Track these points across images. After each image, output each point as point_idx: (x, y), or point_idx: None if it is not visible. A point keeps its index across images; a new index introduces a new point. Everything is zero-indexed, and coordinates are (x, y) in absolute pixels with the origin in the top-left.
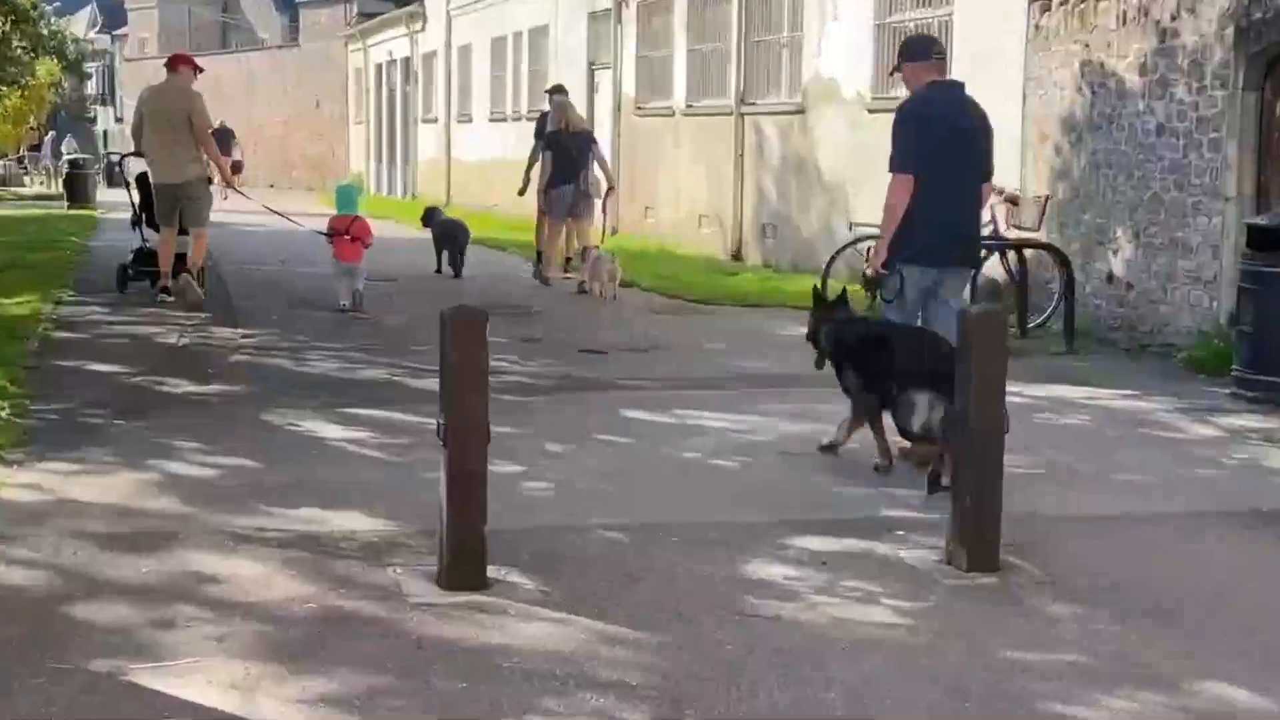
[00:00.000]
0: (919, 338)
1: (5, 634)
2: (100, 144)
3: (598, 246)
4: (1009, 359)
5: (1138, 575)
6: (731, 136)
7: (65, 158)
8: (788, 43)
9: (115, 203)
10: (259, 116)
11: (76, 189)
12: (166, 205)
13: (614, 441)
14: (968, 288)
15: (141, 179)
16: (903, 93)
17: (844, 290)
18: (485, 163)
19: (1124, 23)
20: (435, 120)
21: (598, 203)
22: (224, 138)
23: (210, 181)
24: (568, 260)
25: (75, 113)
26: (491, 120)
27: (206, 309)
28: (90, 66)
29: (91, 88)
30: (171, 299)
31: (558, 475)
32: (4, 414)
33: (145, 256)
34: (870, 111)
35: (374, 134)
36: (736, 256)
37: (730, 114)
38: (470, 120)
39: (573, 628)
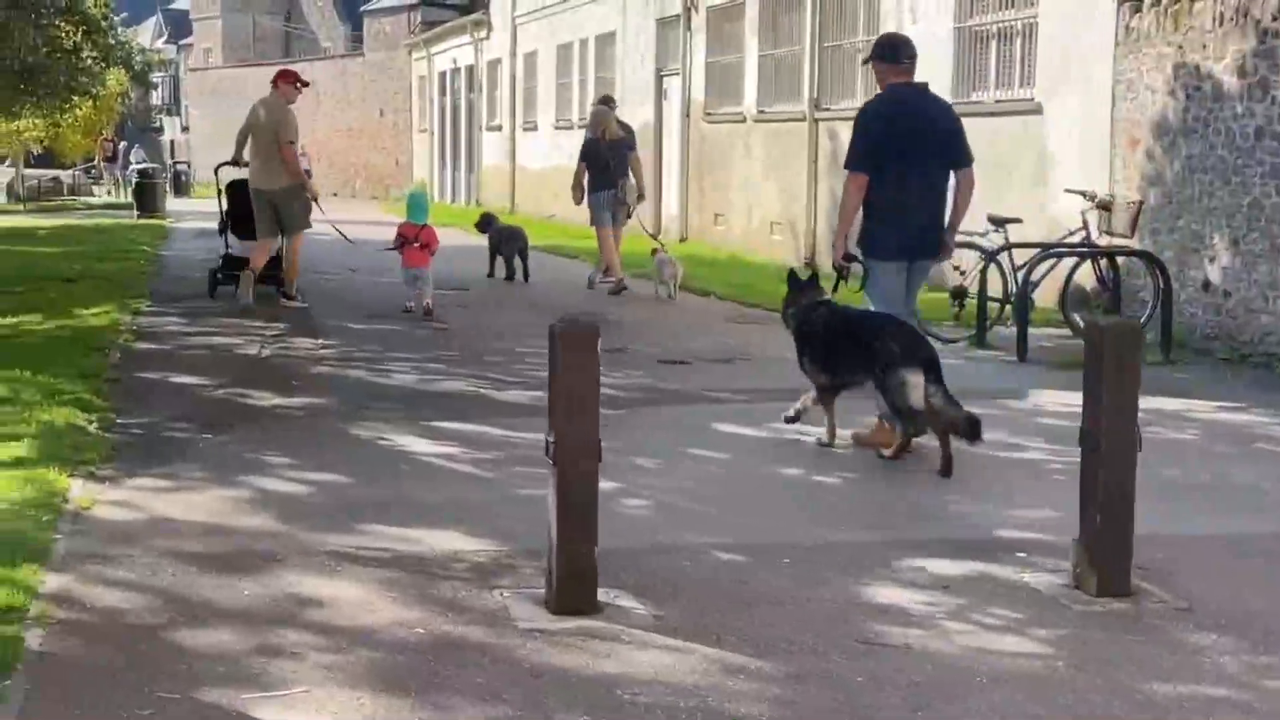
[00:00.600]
0: (897, 323)
1: (107, 661)
2: (167, 154)
3: (664, 248)
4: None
5: (1275, 600)
6: (805, 142)
7: (134, 167)
8: (863, 47)
9: (184, 212)
10: (323, 125)
11: (146, 198)
12: (263, 212)
13: (708, 456)
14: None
15: (230, 187)
16: (982, 95)
17: (813, 272)
18: (550, 170)
19: (1221, 23)
20: (500, 128)
21: (628, 210)
22: None
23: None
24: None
25: (140, 123)
26: (557, 128)
27: (284, 320)
28: (155, 76)
29: (156, 98)
30: (296, 303)
31: (654, 492)
32: (91, 428)
33: (233, 262)
34: None
35: (438, 142)
36: (809, 263)
37: (804, 119)
38: (535, 128)
39: (692, 656)
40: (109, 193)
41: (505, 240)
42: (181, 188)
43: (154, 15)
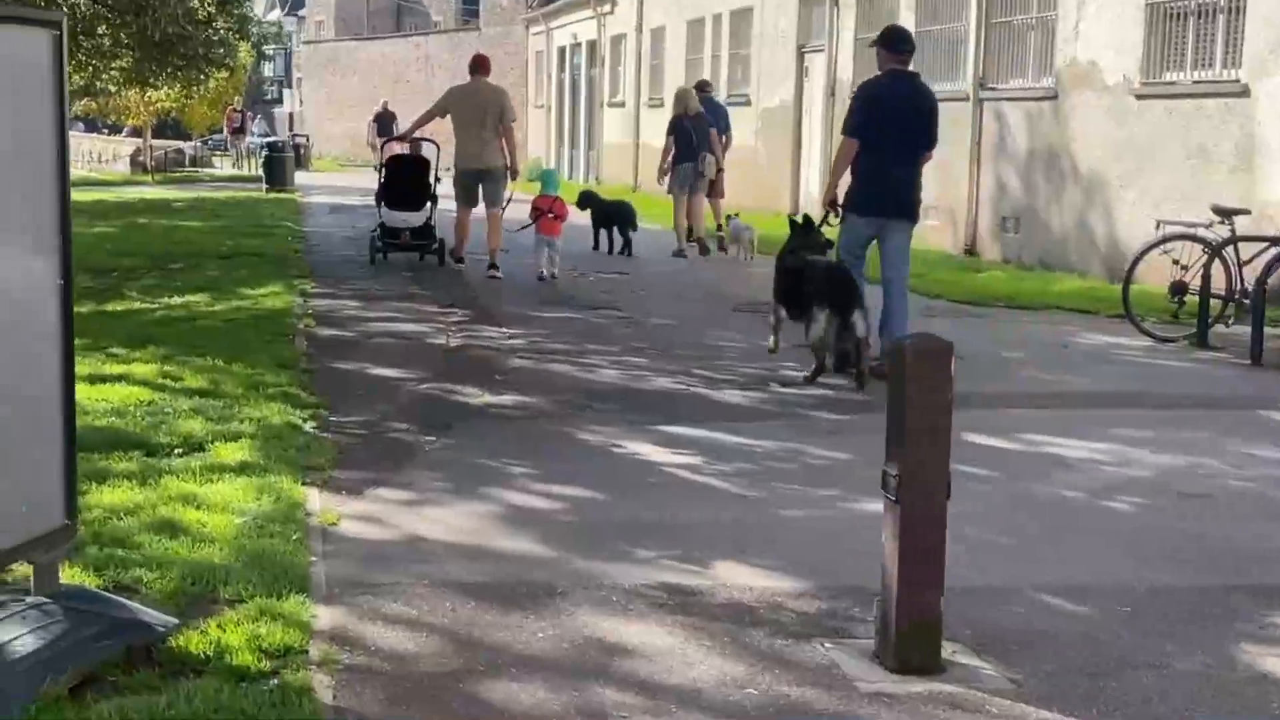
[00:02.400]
0: (825, 269)
1: None
2: (286, 126)
3: (738, 215)
4: None
5: None
6: (968, 123)
7: (253, 140)
8: (1036, 24)
9: (309, 185)
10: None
11: (275, 171)
12: (468, 187)
13: (972, 473)
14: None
15: (391, 161)
16: (1176, 76)
17: (806, 217)
18: None
19: None
20: (622, 104)
21: (706, 181)
22: (386, 121)
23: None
24: (689, 232)
25: (253, 95)
26: None
27: (458, 304)
28: (269, 49)
29: (268, 70)
30: (462, 265)
31: None
32: (308, 427)
33: (389, 231)
34: (1139, 98)
35: (554, 118)
36: (970, 251)
37: (966, 99)
38: (661, 104)
39: None
40: (235, 165)
41: (613, 215)
42: (300, 160)
43: None
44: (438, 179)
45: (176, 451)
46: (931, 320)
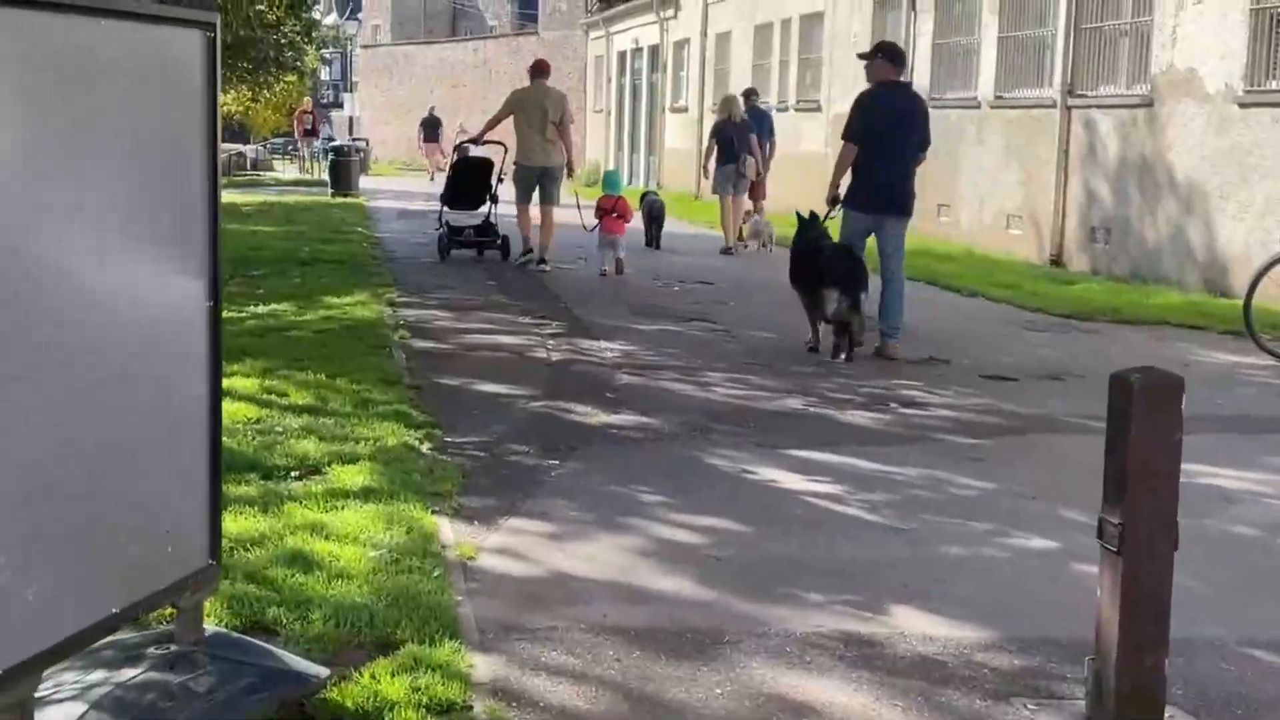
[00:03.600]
0: (834, 250)
1: None
2: (347, 130)
3: (760, 213)
4: None
5: None
6: (1055, 130)
7: (322, 143)
8: (1129, 30)
9: (372, 190)
10: (495, 104)
11: (340, 176)
12: (528, 183)
13: None
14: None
15: (455, 164)
16: (1272, 83)
17: (812, 213)
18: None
19: None
20: (685, 110)
21: (747, 183)
22: (434, 126)
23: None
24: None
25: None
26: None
27: (549, 314)
28: (327, 53)
29: (325, 74)
30: (536, 263)
31: (1092, 555)
32: (425, 448)
33: (453, 229)
34: (1242, 106)
35: (614, 123)
36: (1056, 262)
37: (1054, 106)
38: None
39: None
40: (302, 169)
41: (647, 211)
42: (363, 165)
43: None
44: (500, 179)
45: (293, 474)
46: (1037, 335)
